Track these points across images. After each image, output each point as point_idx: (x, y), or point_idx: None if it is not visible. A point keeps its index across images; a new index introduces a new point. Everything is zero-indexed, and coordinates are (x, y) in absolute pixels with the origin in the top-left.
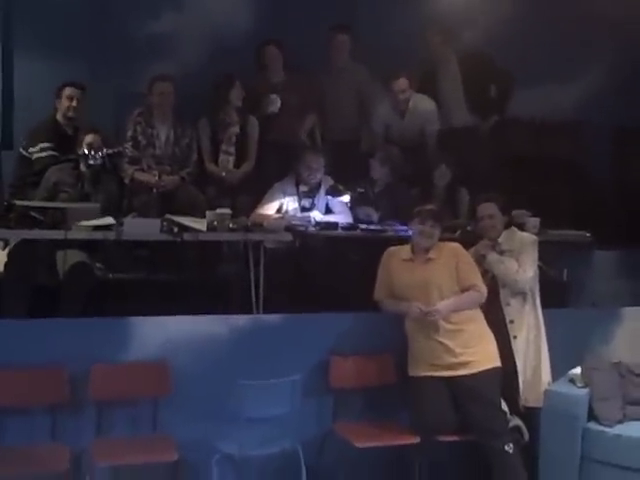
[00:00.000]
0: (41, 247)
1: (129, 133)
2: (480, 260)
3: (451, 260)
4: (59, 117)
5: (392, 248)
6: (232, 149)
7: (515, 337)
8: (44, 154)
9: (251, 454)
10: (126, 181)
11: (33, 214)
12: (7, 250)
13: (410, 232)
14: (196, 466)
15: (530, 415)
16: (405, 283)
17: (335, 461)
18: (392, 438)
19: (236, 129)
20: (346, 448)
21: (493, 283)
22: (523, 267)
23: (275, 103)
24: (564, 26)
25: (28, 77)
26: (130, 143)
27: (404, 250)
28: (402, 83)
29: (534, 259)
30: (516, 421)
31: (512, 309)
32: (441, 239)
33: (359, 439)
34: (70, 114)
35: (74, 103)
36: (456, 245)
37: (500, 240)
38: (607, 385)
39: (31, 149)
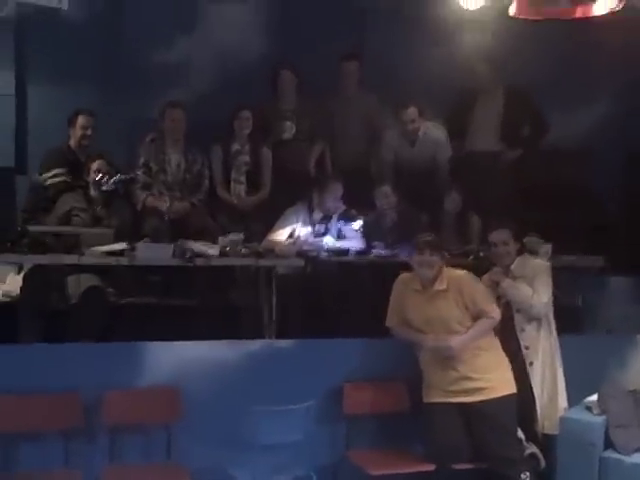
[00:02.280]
0: (54, 272)
1: (141, 159)
2: (494, 286)
3: (457, 291)
4: (72, 144)
5: (404, 275)
6: (242, 178)
7: (531, 363)
8: (57, 180)
9: None
10: (138, 207)
11: (46, 239)
12: (22, 275)
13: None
14: None
15: (547, 442)
16: (417, 317)
17: None
18: (406, 466)
19: (246, 158)
20: (360, 476)
21: (507, 309)
22: (537, 292)
23: (290, 130)
24: (575, 53)
25: (41, 104)
26: (142, 169)
27: (415, 280)
28: (411, 112)
29: (548, 285)
30: (532, 448)
31: (527, 335)
32: (453, 265)
33: (373, 467)
34: (84, 142)
35: (88, 132)
36: (461, 274)
37: (513, 267)
38: (624, 413)
39: (45, 175)
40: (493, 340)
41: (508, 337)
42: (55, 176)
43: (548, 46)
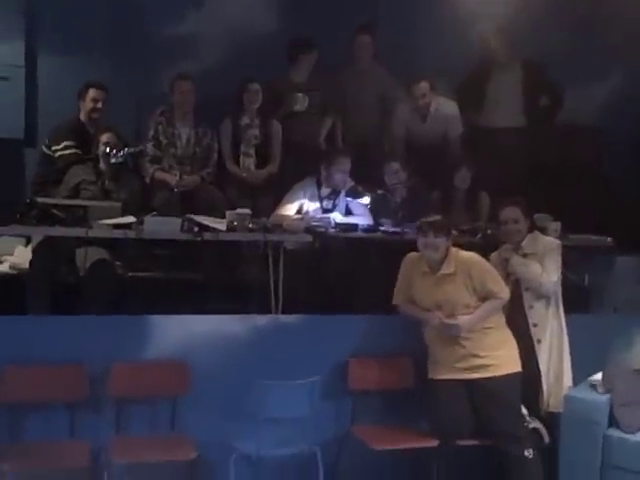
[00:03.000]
0: (63, 245)
1: (150, 132)
2: (504, 264)
3: (465, 273)
4: (82, 117)
5: (412, 255)
6: (252, 151)
7: (539, 341)
8: (67, 152)
9: (269, 455)
10: (147, 180)
11: (55, 212)
12: (30, 247)
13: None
14: (213, 465)
15: (552, 420)
16: (426, 300)
17: (353, 463)
18: (410, 441)
19: (255, 131)
20: (364, 451)
21: (516, 287)
22: (547, 271)
23: (302, 102)
24: (586, 30)
25: (51, 76)
26: (151, 142)
27: (422, 261)
28: (423, 87)
29: (558, 263)
30: (535, 423)
31: (535, 312)
32: (461, 244)
33: (377, 442)
34: (94, 115)
35: (98, 105)
36: (469, 256)
37: (523, 244)
38: (629, 391)
39: (54, 147)
40: (500, 318)
41: (516, 314)
42: (65, 148)
43: (563, 20)
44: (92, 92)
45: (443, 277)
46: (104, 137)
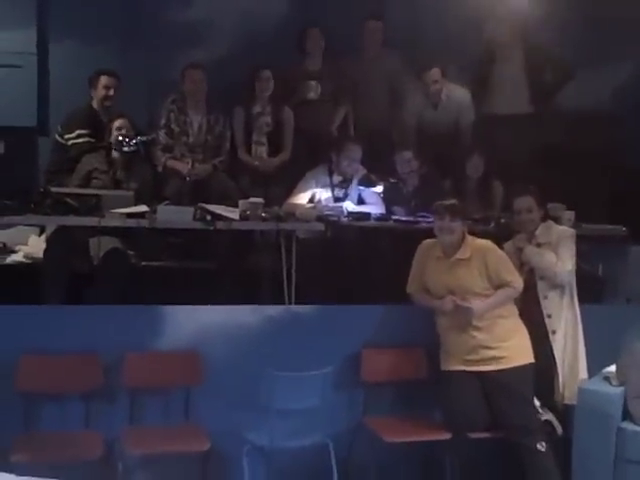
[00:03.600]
0: (76, 234)
1: (162, 121)
2: (517, 253)
3: (480, 260)
4: (95, 105)
5: (427, 242)
6: (264, 139)
7: (554, 332)
8: (80, 140)
9: (281, 446)
10: (159, 169)
11: (68, 201)
12: (44, 236)
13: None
14: (226, 456)
15: (567, 412)
16: (438, 285)
17: (365, 455)
18: (423, 434)
19: (267, 119)
20: (376, 442)
21: (530, 276)
22: (562, 259)
23: (315, 90)
24: (602, 17)
25: (63, 63)
26: (163, 130)
27: (437, 247)
28: (434, 74)
29: (572, 252)
30: (548, 415)
31: (550, 303)
32: (474, 232)
33: (389, 434)
34: (107, 103)
35: (111, 92)
36: (484, 242)
37: (537, 233)
38: None
39: (67, 135)
40: (512, 308)
41: (531, 305)
42: (79, 137)
43: (578, 7)
44: (104, 79)
45: (457, 262)
46: (117, 122)
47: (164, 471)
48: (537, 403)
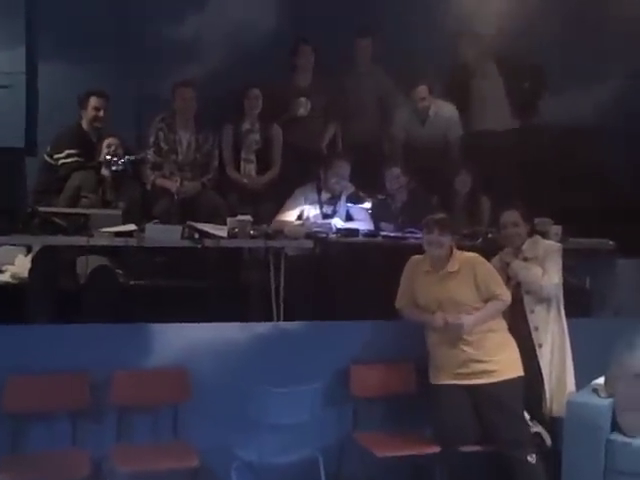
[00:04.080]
0: (64, 253)
1: (151, 139)
2: (504, 268)
3: (469, 272)
4: (84, 125)
5: (416, 257)
6: (252, 156)
7: (540, 345)
8: (70, 160)
9: (271, 462)
10: (148, 187)
11: (56, 220)
12: (31, 256)
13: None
14: (215, 473)
15: (555, 425)
16: (427, 298)
17: (355, 470)
18: (413, 448)
19: (256, 136)
20: (366, 457)
21: (517, 291)
22: (548, 273)
23: (305, 106)
24: (585, 31)
25: (52, 83)
26: (152, 149)
27: (425, 261)
28: (422, 91)
29: (559, 266)
30: (537, 427)
31: (536, 316)
32: (462, 247)
33: (379, 448)
34: (96, 124)
35: (100, 113)
36: (473, 255)
37: (524, 248)
38: (631, 396)
39: (56, 155)
40: (501, 322)
41: (518, 319)
42: (68, 156)
43: (562, 21)
44: (93, 100)
45: (447, 275)
46: (107, 141)
47: None
48: (527, 416)
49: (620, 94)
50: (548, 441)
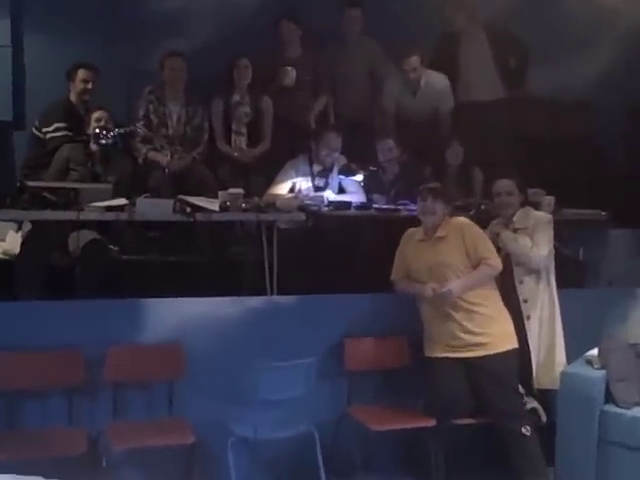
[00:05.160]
0: (54, 228)
1: (141, 112)
2: (494, 239)
3: (458, 235)
4: (73, 98)
5: (411, 230)
6: (243, 129)
7: (529, 317)
8: (59, 134)
9: (266, 437)
10: (139, 160)
11: (46, 195)
12: (21, 232)
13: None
14: (211, 449)
15: (544, 397)
16: (419, 265)
17: (351, 444)
18: (407, 421)
19: (246, 109)
20: (361, 431)
21: (506, 262)
22: (537, 245)
23: (291, 75)
24: (577, 2)
25: (38, 55)
26: (142, 122)
27: (419, 232)
28: (413, 61)
29: (549, 238)
30: (533, 403)
31: (525, 287)
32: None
33: (374, 422)
34: (85, 97)
35: (89, 86)
36: (462, 219)
37: (515, 219)
38: (624, 366)
39: (45, 129)
40: (494, 293)
41: (508, 291)
42: (56, 130)
43: None
44: (82, 73)
45: (436, 240)
46: (96, 114)
47: (149, 465)
48: (522, 390)
49: (608, 65)
50: (544, 417)
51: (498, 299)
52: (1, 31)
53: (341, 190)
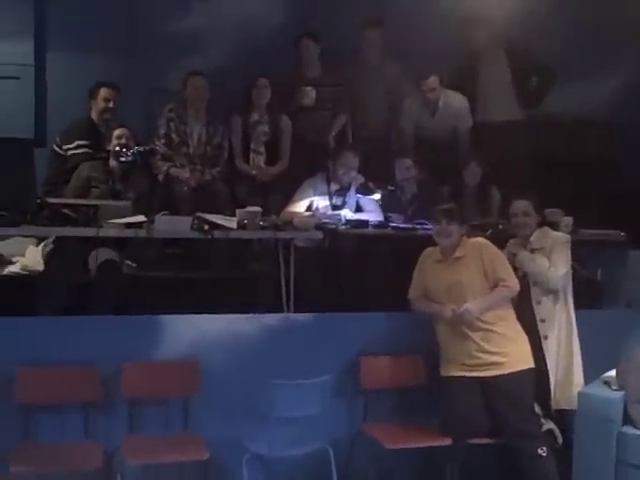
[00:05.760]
0: (75, 245)
1: (162, 130)
2: (511, 259)
3: (477, 256)
4: (94, 116)
5: (429, 249)
6: (262, 148)
7: (546, 337)
8: (80, 151)
9: (281, 454)
10: (160, 177)
11: (66, 211)
12: (41, 246)
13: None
14: (226, 465)
15: (561, 417)
16: (437, 285)
17: (366, 462)
18: (423, 440)
19: (265, 128)
20: (377, 449)
21: (524, 282)
22: (555, 265)
23: (310, 95)
24: (597, 22)
25: (60, 74)
26: (163, 140)
27: (437, 251)
28: (432, 82)
29: (566, 258)
30: (549, 425)
31: (543, 308)
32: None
33: (389, 440)
34: (106, 115)
35: (110, 105)
36: (481, 240)
37: (532, 239)
38: None
39: (66, 146)
40: (511, 313)
41: (525, 310)
42: (77, 147)
43: (571, 12)
44: (104, 92)
45: (455, 260)
46: (117, 132)
47: None
48: (539, 411)
49: (632, 86)
50: (560, 439)
51: (514, 319)
52: (24, 50)
53: (358, 209)
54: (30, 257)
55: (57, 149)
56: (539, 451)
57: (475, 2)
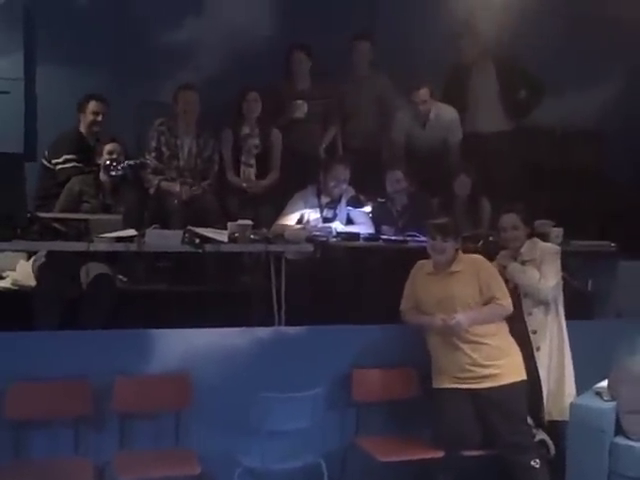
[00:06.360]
0: (66, 259)
1: (152, 144)
2: (501, 271)
3: (473, 272)
4: (83, 129)
5: (422, 262)
6: (252, 161)
7: (538, 348)
8: (68, 165)
9: (273, 468)
10: (151, 191)
11: (56, 226)
12: (32, 261)
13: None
14: (218, 479)
15: (554, 428)
16: (428, 298)
17: (358, 475)
18: (416, 452)
19: (255, 141)
20: (369, 462)
21: (515, 294)
22: (545, 276)
23: (301, 109)
24: (585, 34)
25: (49, 88)
26: (153, 154)
27: (429, 264)
28: (423, 94)
29: (557, 269)
30: (542, 435)
31: (534, 319)
32: (463, 250)
33: (382, 453)
34: (95, 128)
35: (99, 118)
36: (478, 257)
37: (522, 250)
38: (634, 398)
39: (54, 160)
40: (502, 326)
41: (515, 321)
42: (66, 162)
43: (560, 24)
44: (93, 105)
45: (449, 274)
46: (109, 147)
47: None
48: (531, 422)
49: (620, 97)
50: (552, 449)
51: (506, 331)
52: (14, 64)
53: (349, 221)
54: (21, 272)
55: (46, 163)
56: (532, 463)
57: (465, 15)
